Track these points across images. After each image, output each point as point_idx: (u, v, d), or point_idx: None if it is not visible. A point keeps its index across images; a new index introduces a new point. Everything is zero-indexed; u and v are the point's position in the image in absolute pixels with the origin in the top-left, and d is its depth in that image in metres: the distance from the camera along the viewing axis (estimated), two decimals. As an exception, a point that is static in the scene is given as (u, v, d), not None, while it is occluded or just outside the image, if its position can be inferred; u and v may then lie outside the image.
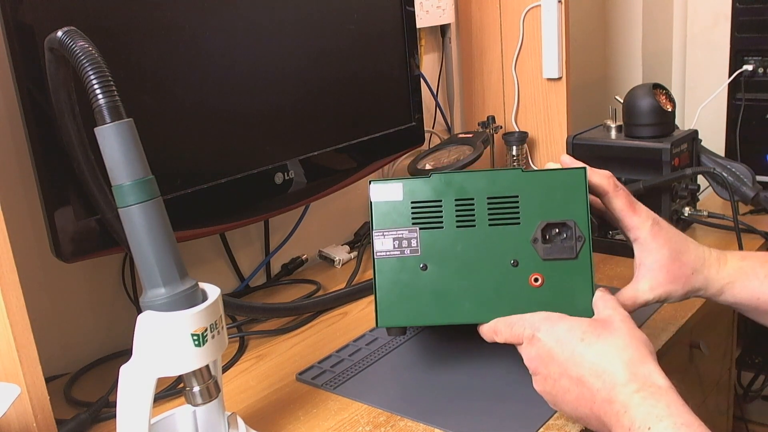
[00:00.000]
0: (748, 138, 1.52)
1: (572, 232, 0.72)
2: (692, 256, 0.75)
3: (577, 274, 0.73)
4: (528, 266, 0.73)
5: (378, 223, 0.75)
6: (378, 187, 0.75)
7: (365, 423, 0.77)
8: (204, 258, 1.12)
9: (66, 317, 0.96)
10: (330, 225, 1.32)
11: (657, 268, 0.74)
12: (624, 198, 0.75)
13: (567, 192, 0.73)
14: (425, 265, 0.74)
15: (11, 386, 0.62)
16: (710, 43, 2.00)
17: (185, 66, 0.88)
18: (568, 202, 0.73)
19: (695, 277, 0.75)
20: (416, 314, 0.74)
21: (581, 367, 0.63)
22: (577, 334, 0.64)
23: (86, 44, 0.61)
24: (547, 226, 0.73)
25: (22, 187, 0.88)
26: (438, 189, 0.74)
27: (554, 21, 1.39)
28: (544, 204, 0.73)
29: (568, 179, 0.73)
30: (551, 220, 0.73)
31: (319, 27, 1.05)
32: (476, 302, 0.73)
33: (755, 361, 1.68)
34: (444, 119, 1.55)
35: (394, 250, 0.74)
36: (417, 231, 0.74)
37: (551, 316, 0.67)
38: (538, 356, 0.67)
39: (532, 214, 0.73)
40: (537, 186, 0.73)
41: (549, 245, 0.73)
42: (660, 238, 0.74)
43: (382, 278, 0.75)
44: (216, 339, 0.64)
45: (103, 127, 0.60)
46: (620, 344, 0.62)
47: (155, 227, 0.61)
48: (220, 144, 0.93)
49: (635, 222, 0.74)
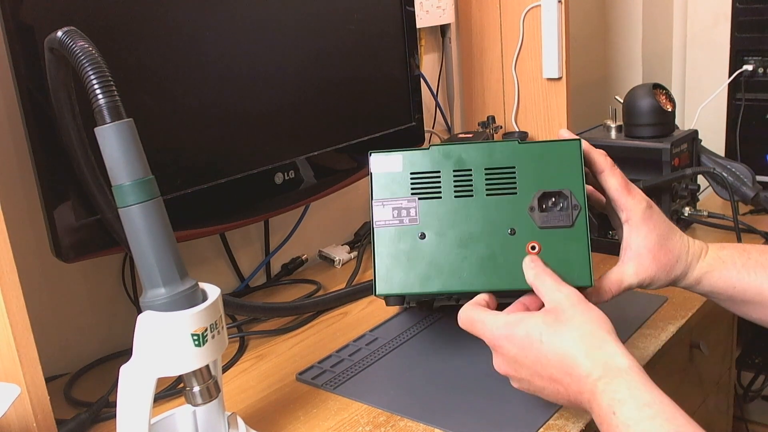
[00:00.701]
0: (748, 138, 1.52)
1: (568, 201, 0.73)
2: (677, 244, 0.76)
3: (574, 241, 0.73)
4: (525, 235, 0.74)
5: (378, 192, 0.76)
6: (378, 158, 0.77)
7: (365, 423, 0.77)
8: (204, 258, 1.12)
9: (66, 317, 0.96)
10: (330, 225, 1.32)
11: (644, 252, 0.75)
12: (620, 177, 0.75)
13: (563, 162, 0.74)
14: (424, 234, 0.75)
15: (11, 386, 0.62)
16: (710, 43, 2.00)
17: (185, 66, 0.88)
18: (564, 172, 0.74)
19: (678, 266, 0.76)
20: (414, 282, 0.75)
21: (548, 366, 0.64)
22: (535, 336, 0.64)
23: (86, 44, 0.61)
24: (544, 195, 0.74)
25: (22, 187, 0.88)
26: (437, 160, 0.75)
27: (554, 21, 1.39)
28: (540, 174, 0.74)
29: (564, 150, 0.74)
30: (547, 189, 0.73)
31: (319, 27, 1.05)
32: (474, 271, 0.74)
33: (755, 361, 1.68)
34: (444, 119, 1.55)
35: (393, 219, 0.75)
36: (416, 201, 0.75)
37: (509, 322, 0.67)
38: (506, 362, 0.68)
39: (528, 184, 0.74)
40: (533, 157, 0.74)
41: (546, 213, 0.74)
42: (650, 223, 0.75)
43: (381, 247, 0.75)
44: (216, 339, 0.64)
45: (103, 127, 0.60)
46: (576, 334, 0.63)
47: (155, 227, 0.61)
48: (220, 144, 0.93)
49: (629, 203, 0.75)
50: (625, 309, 0.94)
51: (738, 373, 1.66)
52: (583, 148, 0.75)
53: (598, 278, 0.74)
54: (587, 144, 0.76)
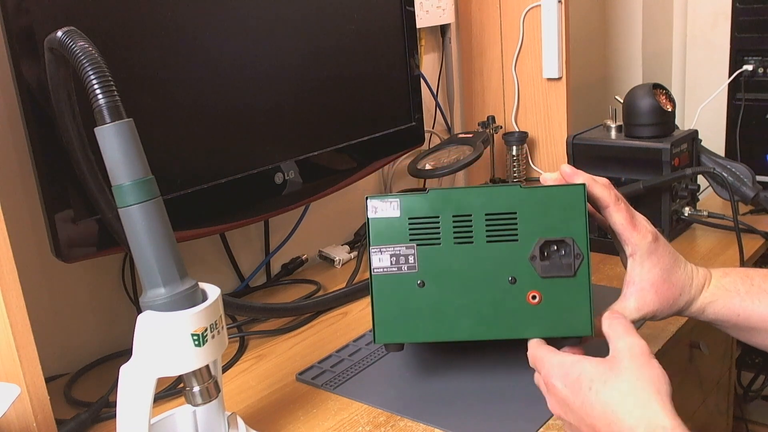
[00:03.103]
0: (748, 138, 1.52)
1: (571, 250, 0.71)
2: (681, 276, 0.75)
3: (575, 291, 0.72)
4: (526, 283, 0.72)
5: (375, 239, 0.74)
6: (375, 203, 0.74)
7: (365, 423, 0.77)
8: (204, 258, 1.12)
9: (66, 317, 0.96)
10: (330, 225, 1.32)
11: (647, 287, 0.74)
12: (625, 212, 0.74)
13: (566, 209, 0.71)
14: (423, 281, 0.73)
15: (11, 386, 0.62)
16: (710, 43, 2.01)
17: (185, 66, 0.88)
18: (567, 219, 0.71)
19: (681, 298, 0.75)
20: (414, 331, 0.74)
21: (592, 416, 0.62)
22: (585, 383, 0.63)
23: (86, 44, 0.61)
24: (546, 243, 0.72)
25: (22, 187, 0.88)
26: (436, 205, 0.73)
27: (554, 21, 1.39)
28: (542, 221, 0.72)
29: (568, 196, 0.72)
30: (550, 237, 0.71)
31: (319, 27, 1.05)
32: (474, 320, 0.73)
33: (755, 361, 1.68)
34: (444, 119, 1.55)
35: (391, 267, 0.74)
36: (414, 247, 0.73)
37: (564, 362, 0.66)
38: (557, 403, 0.67)
39: (530, 231, 0.72)
40: (535, 203, 0.72)
41: (547, 263, 0.72)
42: (654, 257, 0.74)
43: (379, 295, 0.74)
44: (216, 339, 0.64)
45: (103, 127, 0.60)
46: (625, 388, 0.61)
47: (155, 227, 0.61)
48: (220, 144, 0.93)
49: (634, 238, 0.73)
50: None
51: (738, 373, 1.66)
52: (570, 175, 0.74)
53: (599, 314, 0.73)
54: (589, 178, 0.74)
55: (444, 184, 1.54)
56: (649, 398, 0.60)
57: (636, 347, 0.64)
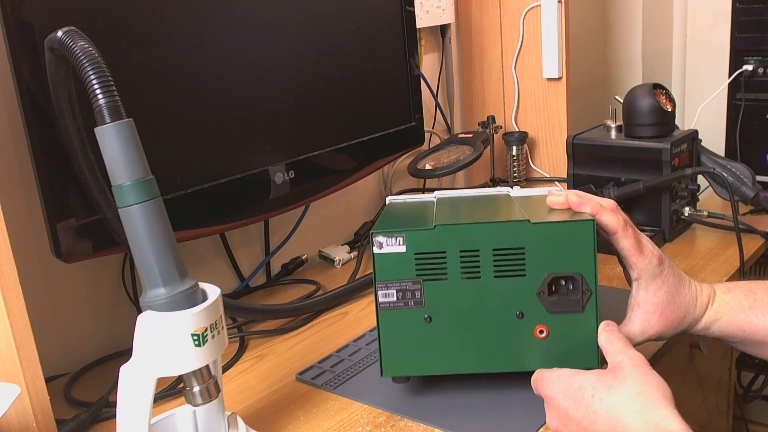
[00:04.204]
0: (748, 138, 1.52)
1: (579, 285, 0.71)
2: (686, 297, 0.75)
3: (583, 326, 0.71)
4: (533, 318, 0.72)
5: (381, 274, 0.73)
6: (380, 238, 0.73)
7: (365, 423, 0.77)
8: (204, 258, 1.12)
9: (66, 317, 0.96)
10: (330, 225, 1.32)
11: (652, 310, 0.74)
12: (632, 239, 0.74)
13: (575, 245, 0.70)
14: (430, 316, 0.73)
15: (11, 386, 0.62)
16: (710, 43, 2.01)
17: (185, 66, 0.88)
18: (576, 255, 0.70)
19: (686, 319, 0.75)
20: (421, 364, 0.74)
21: (596, 423, 0.62)
22: (588, 391, 0.64)
23: (86, 44, 0.61)
24: (554, 279, 0.71)
25: (22, 187, 0.88)
26: (442, 240, 0.71)
27: (554, 21, 1.39)
28: (550, 256, 0.70)
29: (577, 232, 0.70)
30: (558, 273, 0.71)
31: (319, 27, 1.05)
32: (481, 353, 0.73)
33: (755, 361, 1.68)
34: (444, 119, 1.55)
35: (398, 302, 0.73)
36: (421, 283, 0.72)
37: (564, 375, 0.67)
38: (557, 417, 0.67)
39: (538, 266, 0.71)
40: (544, 238, 0.70)
41: (555, 298, 0.71)
42: (659, 280, 0.74)
43: (386, 329, 0.74)
44: (216, 339, 0.64)
45: (103, 127, 0.60)
46: (630, 394, 0.62)
47: (155, 227, 0.61)
48: (220, 144, 0.93)
49: (640, 263, 0.74)
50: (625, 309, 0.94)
51: (738, 373, 1.66)
52: (594, 216, 0.72)
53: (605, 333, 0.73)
54: (597, 205, 0.73)
55: (444, 184, 1.54)
56: (656, 402, 0.60)
57: (637, 359, 0.65)
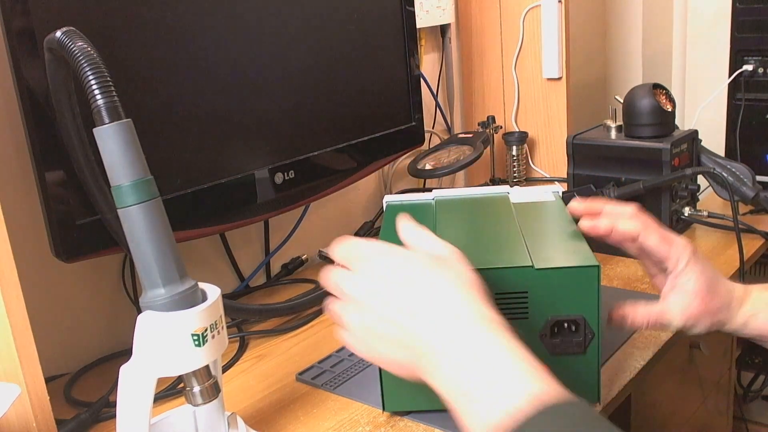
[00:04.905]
0: (748, 138, 1.52)
1: (581, 328, 0.70)
2: (723, 290, 0.74)
3: (584, 366, 0.71)
4: None
5: None
6: None
7: (365, 423, 0.77)
8: (204, 258, 1.12)
9: (66, 317, 0.96)
10: (330, 225, 1.32)
11: (692, 295, 0.73)
12: (657, 232, 0.73)
13: (578, 289, 0.69)
14: None
15: (11, 386, 0.62)
16: (710, 43, 2.01)
17: (185, 66, 0.88)
18: (579, 299, 0.69)
19: (722, 313, 0.74)
20: (422, 400, 0.74)
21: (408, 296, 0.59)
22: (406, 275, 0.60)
23: (85, 44, 0.60)
24: (556, 322, 0.70)
25: (22, 187, 0.88)
26: None
27: (554, 21, 1.39)
28: (553, 300, 0.69)
29: (581, 276, 0.69)
30: (560, 316, 0.70)
31: (319, 27, 1.05)
32: None
33: (755, 361, 1.68)
34: (444, 119, 1.55)
35: None
36: None
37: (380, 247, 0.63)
38: (366, 290, 0.62)
39: (541, 310, 0.70)
40: (548, 283, 0.69)
41: (557, 340, 0.70)
42: (698, 266, 0.73)
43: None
44: (216, 339, 0.64)
45: (101, 128, 0.60)
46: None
47: (154, 227, 0.61)
48: (220, 144, 0.93)
49: (675, 251, 0.72)
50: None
51: (738, 373, 1.66)
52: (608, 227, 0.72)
53: (639, 303, 0.72)
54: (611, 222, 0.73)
55: (444, 184, 1.54)
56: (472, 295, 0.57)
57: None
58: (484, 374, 0.52)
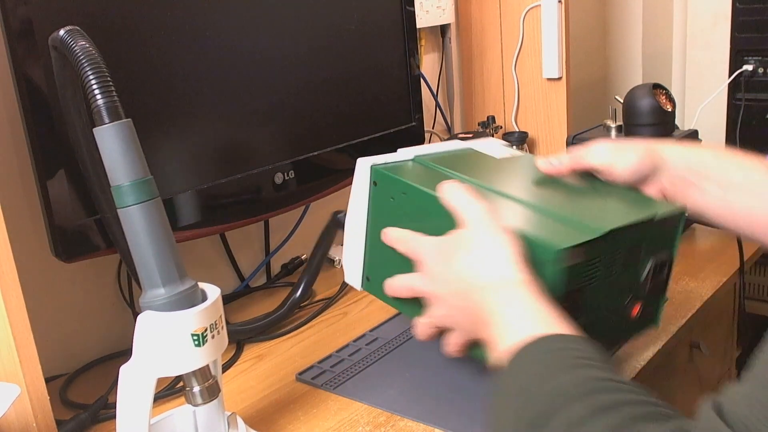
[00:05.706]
0: (748, 138, 1.52)
1: (665, 268, 0.75)
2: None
3: (654, 301, 0.78)
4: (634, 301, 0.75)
5: None
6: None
7: (365, 423, 0.77)
8: (204, 258, 1.12)
9: (66, 317, 0.96)
10: (330, 225, 1.32)
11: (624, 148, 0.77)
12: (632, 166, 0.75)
13: (671, 233, 0.75)
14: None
15: (11, 386, 0.62)
16: (710, 43, 2.01)
17: (185, 66, 0.88)
18: (670, 242, 0.76)
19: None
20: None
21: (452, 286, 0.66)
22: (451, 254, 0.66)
23: (86, 44, 0.60)
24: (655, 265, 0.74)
25: (22, 187, 0.89)
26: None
27: (554, 21, 1.39)
28: (656, 245, 0.74)
29: (676, 221, 0.75)
30: (659, 260, 0.74)
31: (319, 27, 1.05)
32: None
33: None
34: (444, 119, 1.55)
35: None
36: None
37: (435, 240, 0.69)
38: (431, 280, 0.69)
39: (647, 255, 0.74)
40: (656, 230, 0.73)
41: (652, 283, 0.74)
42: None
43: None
44: (216, 339, 0.64)
45: (101, 128, 0.60)
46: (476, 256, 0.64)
47: (154, 227, 0.61)
48: (220, 144, 0.93)
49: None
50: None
51: (738, 373, 1.65)
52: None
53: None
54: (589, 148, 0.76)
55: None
56: (505, 259, 0.62)
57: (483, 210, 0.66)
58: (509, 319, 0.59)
